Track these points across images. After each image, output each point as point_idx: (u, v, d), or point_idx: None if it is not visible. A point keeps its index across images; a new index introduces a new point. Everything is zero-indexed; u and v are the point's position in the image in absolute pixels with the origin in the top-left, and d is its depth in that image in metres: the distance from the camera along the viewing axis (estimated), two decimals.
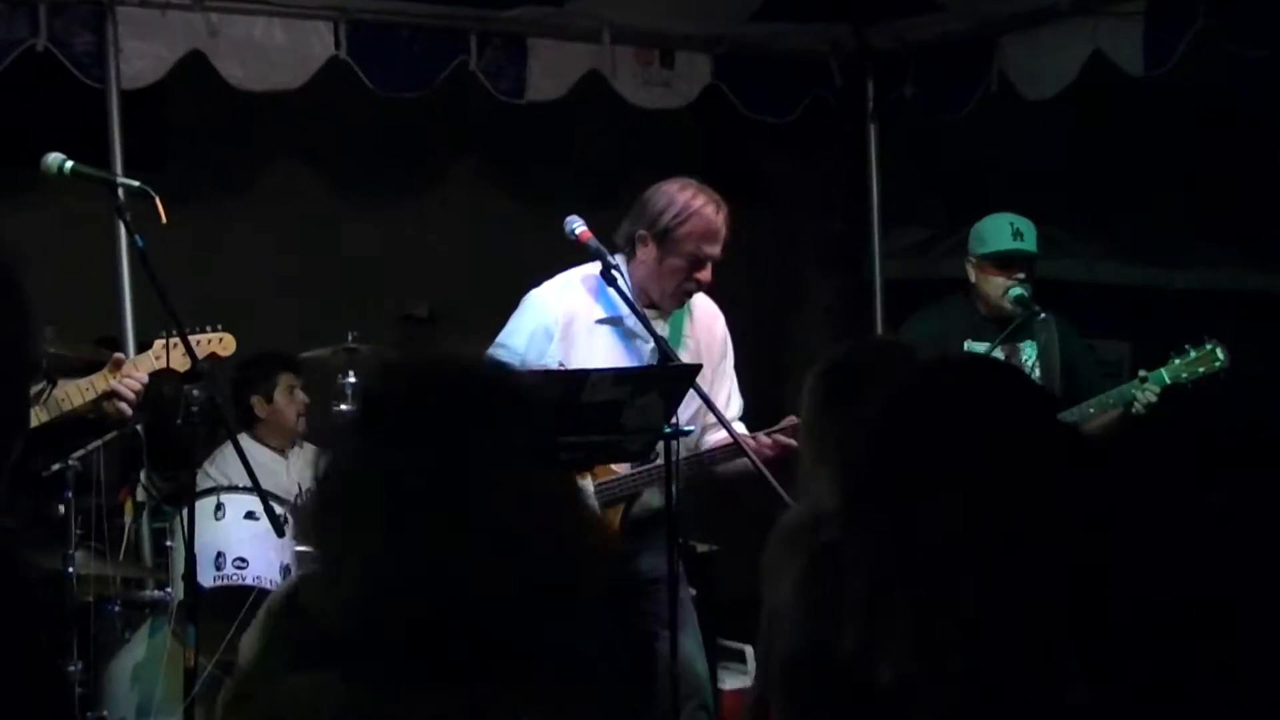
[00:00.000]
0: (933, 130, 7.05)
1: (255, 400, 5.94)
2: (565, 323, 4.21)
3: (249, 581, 4.92)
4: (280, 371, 5.95)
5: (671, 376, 3.91)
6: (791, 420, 4.12)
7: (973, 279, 4.92)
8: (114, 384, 3.99)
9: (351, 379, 5.56)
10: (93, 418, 4.05)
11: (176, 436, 4.31)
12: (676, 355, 4.11)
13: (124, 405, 3.97)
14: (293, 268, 7.08)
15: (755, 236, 7.37)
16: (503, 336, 4.26)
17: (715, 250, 4.19)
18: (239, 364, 5.92)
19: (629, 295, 4.10)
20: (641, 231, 4.19)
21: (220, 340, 4.32)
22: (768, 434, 4.26)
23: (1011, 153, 7.12)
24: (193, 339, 4.05)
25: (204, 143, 6.93)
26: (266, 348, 6.04)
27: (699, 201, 4.18)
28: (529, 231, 6.15)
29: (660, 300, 4.26)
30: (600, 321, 4.23)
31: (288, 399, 5.94)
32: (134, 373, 4.01)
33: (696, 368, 4.05)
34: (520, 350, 4.19)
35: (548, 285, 4.30)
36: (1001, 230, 4.84)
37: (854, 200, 7.20)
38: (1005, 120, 6.66)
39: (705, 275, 4.20)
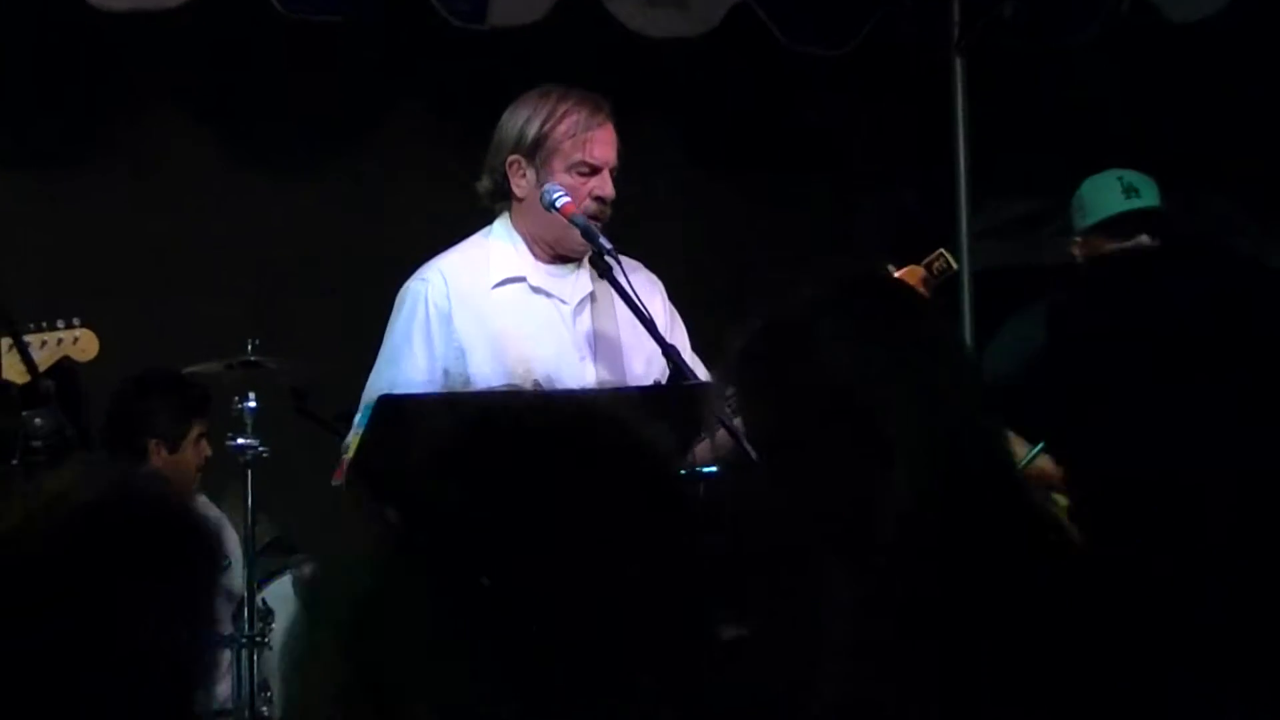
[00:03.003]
0: (1042, 64, 7.06)
1: (153, 444, 5.85)
2: (457, 295, 4.26)
3: None
4: (195, 415, 5.92)
5: (686, 398, 4.00)
6: None
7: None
8: None
9: (251, 403, 5.39)
10: None
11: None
12: (692, 371, 4.13)
13: None
14: (173, 251, 6.97)
15: (801, 210, 7.57)
16: (386, 355, 4.27)
17: (609, 153, 4.25)
18: (135, 385, 5.86)
19: (628, 292, 4.14)
20: (510, 157, 4.24)
21: (75, 340, 4.04)
22: None
23: (1149, 96, 7.10)
24: (38, 337, 3.74)
25: (51, 82, 6.83)
26: (139, 358, 5.91)
27: (570, 99, 4.27)
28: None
29: (563, 243, 4.28)
30: (498, 285, 4.29)
31: (195, 450, 5.92)
32: None
33: (719, 385, 3.92)
34: (420, 359, 4.20)
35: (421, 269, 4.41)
36: (1109, 190, 4.90)
37: (933, 161, 7.16)
38: (1142, 50, 6.73)
39: (604, 187, 4.24)
